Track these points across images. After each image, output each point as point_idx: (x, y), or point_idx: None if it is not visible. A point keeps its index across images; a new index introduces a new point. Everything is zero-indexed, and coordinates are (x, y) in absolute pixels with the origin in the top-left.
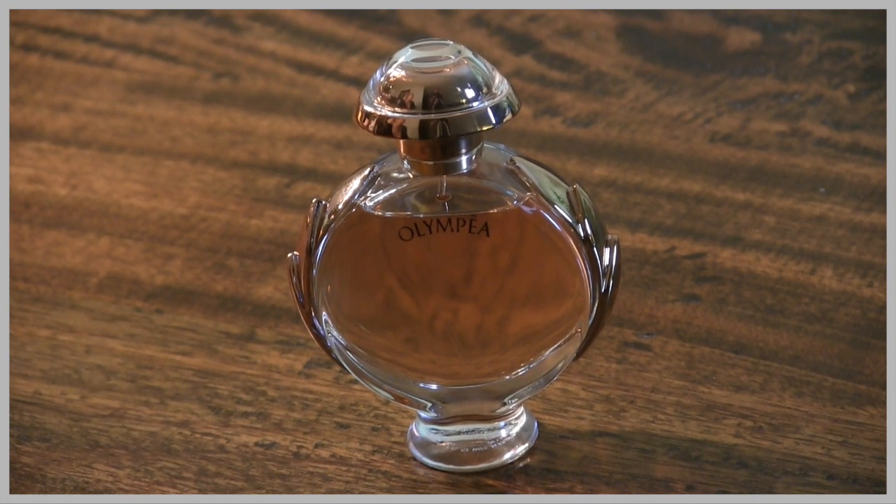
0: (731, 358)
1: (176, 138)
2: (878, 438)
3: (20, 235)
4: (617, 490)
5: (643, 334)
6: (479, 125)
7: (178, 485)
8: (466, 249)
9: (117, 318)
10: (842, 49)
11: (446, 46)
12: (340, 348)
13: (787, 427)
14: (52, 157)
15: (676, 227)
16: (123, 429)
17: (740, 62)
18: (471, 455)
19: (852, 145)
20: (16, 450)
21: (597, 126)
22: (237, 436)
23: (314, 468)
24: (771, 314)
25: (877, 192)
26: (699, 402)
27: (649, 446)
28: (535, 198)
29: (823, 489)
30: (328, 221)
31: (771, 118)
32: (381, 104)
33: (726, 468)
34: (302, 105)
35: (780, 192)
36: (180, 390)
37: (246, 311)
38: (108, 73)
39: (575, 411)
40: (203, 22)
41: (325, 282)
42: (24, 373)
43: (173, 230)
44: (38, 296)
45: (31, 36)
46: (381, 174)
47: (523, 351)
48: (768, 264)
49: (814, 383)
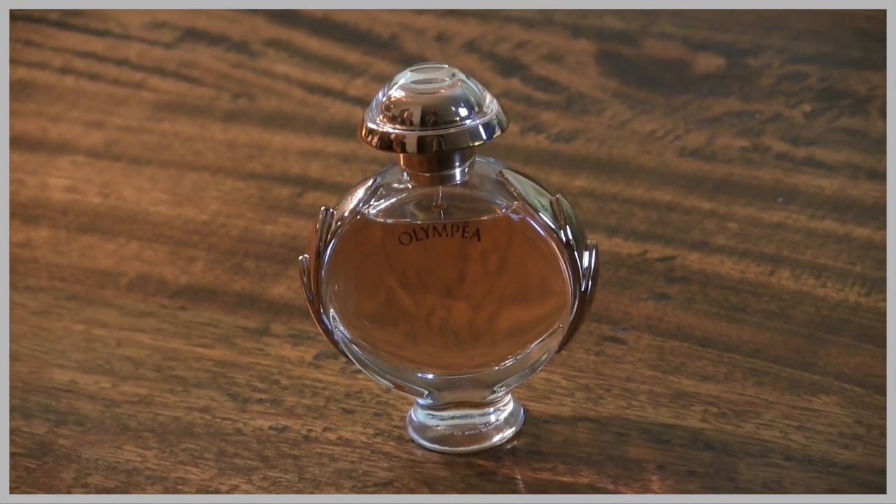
0: (698, 351)
1: (198, 152)
2: (831, 424)
3: (58, 239)
4: (595, 467)
5: (619, 329)
6: (472, 141)
7: (199, 464)
8: (460, 253)
9: (145, 314)
10: (799, 73)
11: (442, 70)
12: (346, 342)
13: (748, 413)
14: (86, 169)
15: (649, 233)
16: (151, 414)
17: (706, 84)
18: (463, 438)
19: (808, 159)
20: (53, 433)
21: (577, 142)
22: (253, 420)
23: (322, 449)
24: (734, 311)
25: (830, 202)
26: (669, 390)
27: (624, 430)
28: (522, 206)
29: (782, 469)
30: (335, 227)
31: (734, 135)
32: (383, 122)
33: (694, 450)
34: (312, 122)
35: (742, 202)
36: (202, 379)
37: (261, 307)
38: (137, 93)
39: (557, 398)
40: (223, 48)
41: (333, 282)
42: (61, 363)
43: (195, 235)
44: (74, 294)
45: (68, 60)
46: (383, 185)
47: (511, 344)
48: (732, 266)
49: (773, 374)
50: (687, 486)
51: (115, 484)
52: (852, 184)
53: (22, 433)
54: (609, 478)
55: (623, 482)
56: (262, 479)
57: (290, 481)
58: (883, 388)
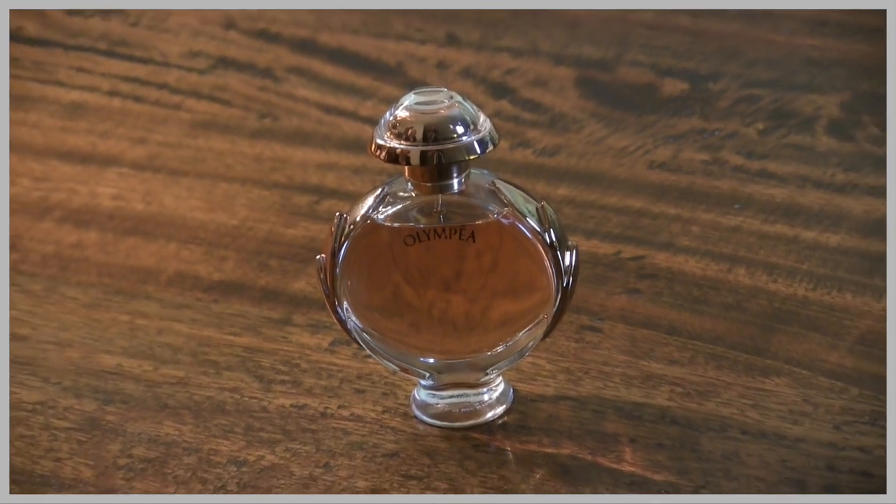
0: (665, 338)
1: (229, 165)
2: (782, 402)
3: (105, 241)
4: (576, 440)
5: (596, 319)
6: (468, 155)
7: (229, 437)
8: (457, 253)
9: (182, 306)
10: (753, 95)
11: (441, 93)
12: (358, 330)
13: (709, 393)
14: (131, 180)
15: (622, 236)
16: (187, 393)
17: (672, 106)
18: (460, 414)
19: (761, 171)
20: (102, 410)
21: (560, 156)
22: (276, 399)
23: (337, 424)
24: (697, 304)
25: (780, 208)
26: (640, 373)
27: (601, 408)
28: (511, 212)
29: (739, 442)
30: (348, 230)
31: (697, 150)
32: (389, 138)
33: (662, 425)
34: (328, 139)
35: (703, 208)
36: (232, 363)
37: (283, 300)
38: (176, 113)
39: (542, 380)
40: (250, 74)
41: (346, 278)
42: (108, 349)
43: (226, 237)
44: (120, 289)
45: (115, 84)
46: (390, 193)
47: (502, 333)
48: (694, 265)
49: (730, 358)
50: (656, 456)
51: (156, 454)
52: (800, 192)
53: (74, 410)
54: (588, 449)
55: (600, 453)
56: (284, 450)
57: (309, 452)
58: (828, 371)
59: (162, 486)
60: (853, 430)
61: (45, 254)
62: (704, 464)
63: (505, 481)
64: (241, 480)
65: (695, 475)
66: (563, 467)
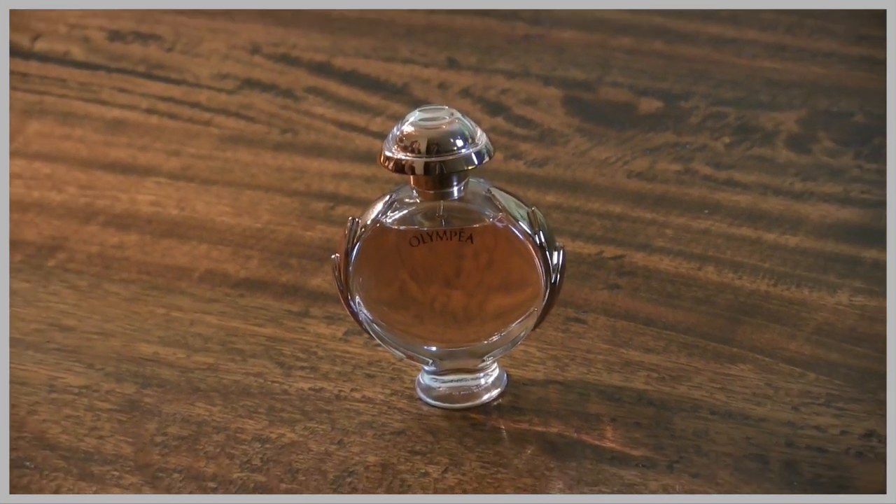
0: (642, 329)
1: (253, 175)
2: (746, 386)
3: (144, 243)
4: (563, 420)
5: (581, 312)
6: (466, 165)
7: (254, 417)
8: (457, 253)
9: (212, 300)
10: (720, 112)
11: (443, 110)
12: (368, 322)
13: (681, 377)
14: (167, 188)
15: (604, 238)
16: (216, 378)
17: (648, 122)
18: (459, 396)
19: (728, 180)
20: (140, 393)
21: (548, 166)
22: (296, 383)
23: (350, 406)
24: (670, 298)
25: (745, 213)
26: (620, 359)
27: (585, 391)
28: (505, 216)
29: (708, 421)
30: (360, 233)
31: (670, 161)
32: (397, 150)
33: (639, 406)
34: (342, 152)
35: (676, 213)
36: (256, 351)
37: (302, 295)
38: (206, 129)
39: (533, 366)
40: (273, 94)
41: (358, 275)
42: (146, 339)
43: (251, 239)
44: (156, 285)
45: (153, 103)
46: (397, 200)
47: (496, 324)
48: (669, 263)
49: (701, 347)
50: (634, 434)
51: (189, 432)
52: (762, 199)
53: (115, 393)
54: (573, 428)
55: (584, 431)
56: (303, 429)
57: (325, 430)
58: (787, 358)
59: (194, 461)
60: (810, 410)
61: (90, 254)
62: (677, 441)
63: (499, 456)
64: (265, 456)
65: (669, 451)
66: (551, 444)
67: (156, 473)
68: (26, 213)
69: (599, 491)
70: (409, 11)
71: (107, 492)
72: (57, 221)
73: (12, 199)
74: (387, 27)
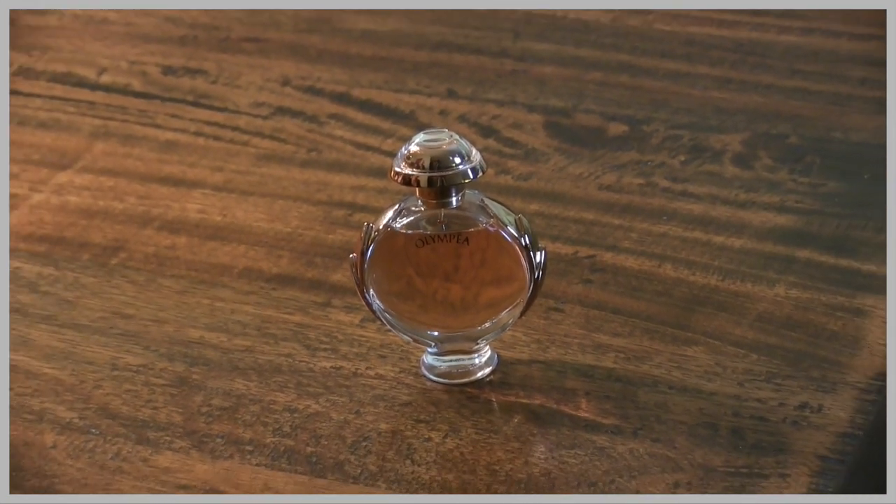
0: (611, 317)
1: (284, 187)
2: (699, 365)
3: (192, 244)
4: (544, 393)
5: (559, 303)
6: (463, 179)
7: (284, 391)
8: (455, 252)
9: (249, 292)
10: (676, 135)
11: (443, 133)
12: (381, 311)
13: (644, 358)
14: (211, 198)
15: (579, 240)
16: (253, 358)
17: (616, 143)
18: (458, 374)
19: (683, 192)
20: (188, 371)
21: (532, 180)
22: (320, 362)
23: (365, 382)
24: (635, 291)
25: (697, 220)
26: (592, 343)
27: (563, 369)
28: (496, 222)
29: (666, 395)
30: (373, 236)
31: (634, 176)
32: (404, 167)
33: (608, 382)
34: (359, 168)
35: (640, 219)
36: (286, 335)
37: (326, 288)
38: (245, 149)
39: (519, 348)
40: (301, 119)
41: (372, 271)
42: (194, 325)
43: (283, 241)
44: (203, 280)
45: (200, 127)
46: (405, 208)
47: (488, 313)
48: (633, 262)
49: (660, 332)
50: (604, 405)
51: (230, 404)
52: (712, 208)
53: (167, 371)
54: (553, 400)
55: (563, 403)
56: (325, 401)
57: (344, 402)
58: (733, 341)
59: (234, 428)
60: (753, 385)
61: (146, 253)
62: (641, 411)
63: (491, 424)
64: (294, 423)
65: (633, 420)
66: (535, 413)
67: (201, 438)
68: (93, 220)
69: (575, 453)
70: (415, 51)
71: (160, 453)
72: (119, 226)
73: (81, 209)
74: (397, 64)
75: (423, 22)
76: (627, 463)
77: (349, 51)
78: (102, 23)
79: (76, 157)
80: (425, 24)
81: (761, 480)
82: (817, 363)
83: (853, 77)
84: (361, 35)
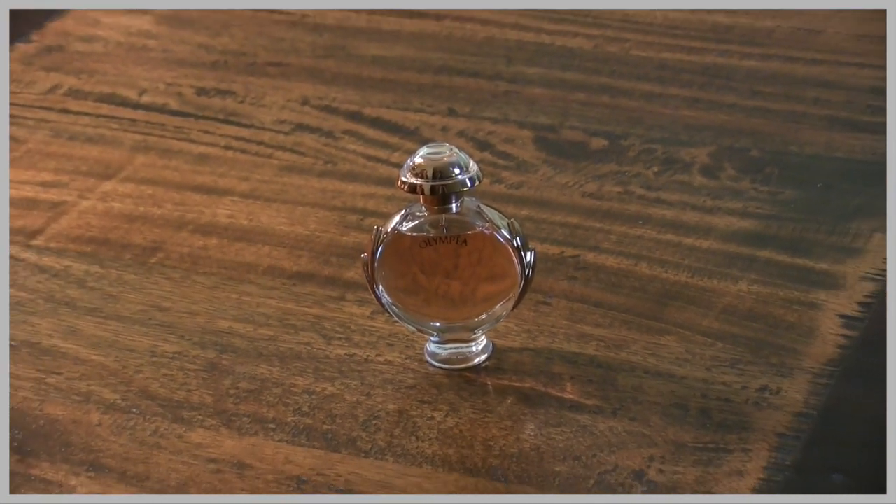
0: (593, 310)
1: (304, 195)
2: (671, 353)
3: (222, 245)
4: (534, 378)
5: (547, 297)
6: (462, 188)
7: (304, 375)
8: (455, 253)
9: (273, 288)
10: (650, 148)
11: (444, 146)
12: (389, 305)
13: (622, 346)
14: (239, 204)
15: (564, 241)
16: (275, 346)
17: (597, 155)
18: (457, 360)
19: (657, 199)
20: (219, 357)
21: (523, 189)
22: (334, 350)
23: (375, 367)
24: (614, 287)
25: (670, 223)
26: (576, 333)
27: (550, 356)
28: (491, 225)
29: (642, 379)
30: (383, 238)
31: (614, 184)
32: (410, 176)
33: (591, 368)
34: (370, 178)
35: (619, 223)
36: (305, 326)
37: (340, 284)
38: (269, 161)
39: (511, 337)
40: (318, 134)
41: (381, 270)
42: (223, 317)
43: (302, 242)
44: (231, 276)
45: (229, 141)
46: (410, 213)
47: (484, 306)
48: (613, 261)
49: (637, 323)
50: (587, 388)
51: (255, 387)
52: (682, 213)
53: (200, 357)
54: (542, 383)
55: (550, 386)
56: (339, 384)
57: (357, 385)
58: (701, 331)
59: (259, 408)
60: (719, 371)
61: (181, 253)
62: (620, 393)
63: (486, 405)
64: (312, 404)
65: (613, 401)
66: (525, 395)
67: (230, 417)
68: (133, 223)
69: (561, 430)
70: (420, 74)
71: (193, 431)
72: (157, 229)
73: (124, 214)
74: (403, 86)
75: (426, 49)
76: (608, 439)
77: (361, 74)
78: (143, 49)
79: (119, 168)
80: (429, 51)
81: (726, 455)
82: (776, 351)
83: (807, 97)
84: (372, 60)
